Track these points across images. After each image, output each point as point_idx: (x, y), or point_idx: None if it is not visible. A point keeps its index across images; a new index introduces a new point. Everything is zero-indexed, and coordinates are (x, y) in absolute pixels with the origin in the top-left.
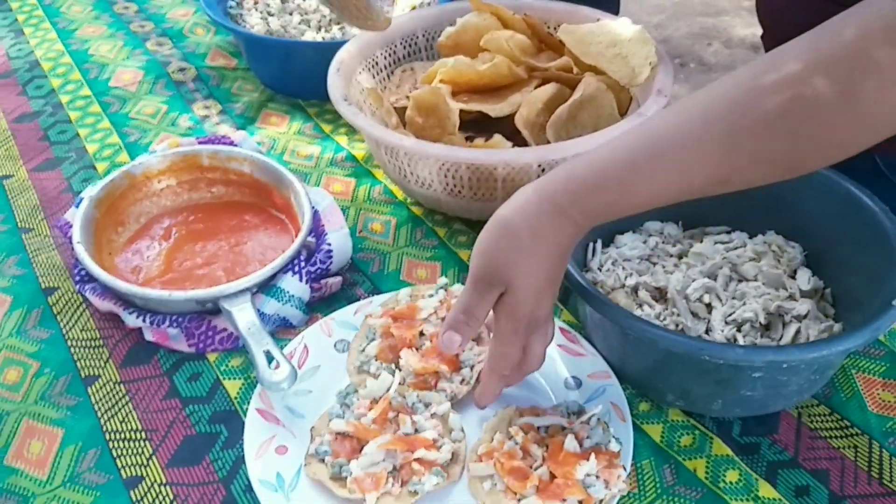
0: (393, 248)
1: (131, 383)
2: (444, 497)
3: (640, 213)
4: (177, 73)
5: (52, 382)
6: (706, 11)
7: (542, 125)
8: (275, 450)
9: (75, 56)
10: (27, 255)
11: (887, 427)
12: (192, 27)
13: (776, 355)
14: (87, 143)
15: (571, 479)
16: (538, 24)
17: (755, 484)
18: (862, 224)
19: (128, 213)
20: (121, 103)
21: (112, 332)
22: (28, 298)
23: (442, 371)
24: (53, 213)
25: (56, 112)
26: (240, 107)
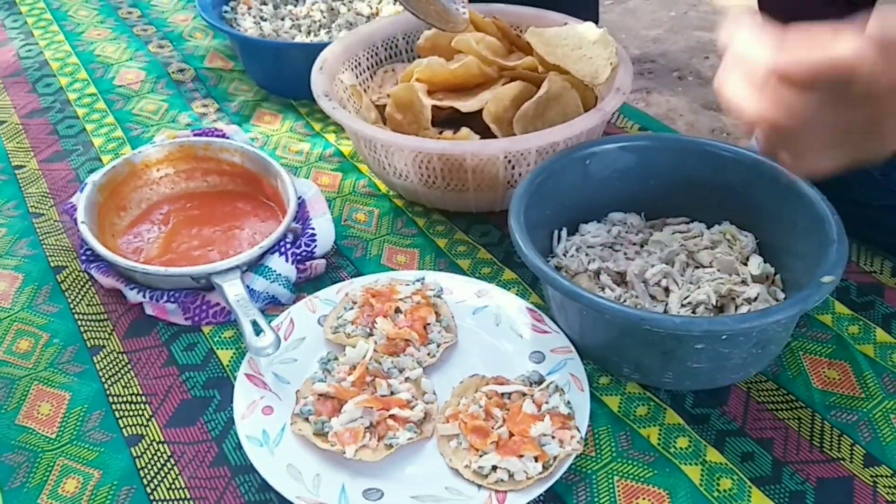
0: (375, 236)
1: (133, 353)
2: (416, 452)
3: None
4: (177, 74)
5: (61, 351)
6: (703, 26)
7: (510, 120)
8: (261, 410)
9: (82, 57)
10: (38, 237)
11: (830, 401)
12: (192, 31)
13: (711, 325)
14: (93, 137)
15: (527, 437)
16: (507, 27)
17: (703, 450)
18: (803, 211)
19: (129, 198)
20: (125, 101)
21: (115, 307)
22: (38, 276)
23: (412, 338)
24: (62, 201)
25: (64, 108)
26: (235, 105)
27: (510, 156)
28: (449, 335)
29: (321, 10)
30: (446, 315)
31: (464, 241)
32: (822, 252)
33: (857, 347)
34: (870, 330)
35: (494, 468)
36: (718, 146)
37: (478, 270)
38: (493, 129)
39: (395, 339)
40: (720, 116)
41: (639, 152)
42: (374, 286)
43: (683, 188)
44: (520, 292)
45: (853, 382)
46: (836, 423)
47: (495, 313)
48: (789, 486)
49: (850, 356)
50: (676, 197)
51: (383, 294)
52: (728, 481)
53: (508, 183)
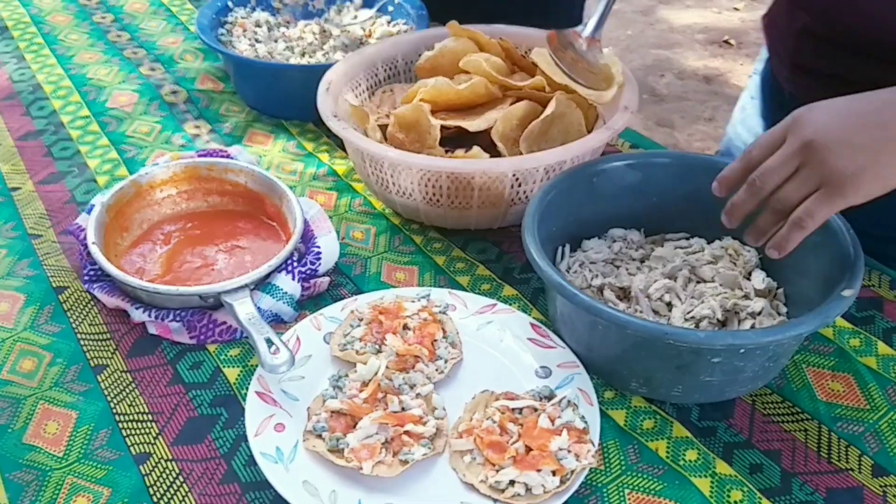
0: (373, 254)
1: (137, 372)
2: (429, 468)
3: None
4: (169, 96)
5: (65, 371)
6: (660, 44)
7: (516, 139)
8: (273, 427)
9: (74, 80)
10: (38, 258)
11: (835, 413)
12: (182, 54)
13: (735, 339)
14: (88, 159)
15: (546, 451)
16: (512, 47)
17: (712, 462)
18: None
19: (132, 219)
20: (118, 123)
21: (118, 327)
22: (40, 297)
23: (422, 355)
24: (59, 222)
25: (58, 131)
26: (228, 126)
27: (518, 174)
28: (455, 351)
29: (313, 32)
30: (452, 331)
31: (462, 258)
32: (835, 266)
33: (859, 360)
34: (871, 343)
35: (512, 483)
36: (722, 161)
37: (477, 287)
38: (500, 147)
39: (405, 355)
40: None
41: (644, 169)
42: (381, 303)
43: (685, 204)
44: (521, 308)
45: (857, 394)
46: (843, 435)
47: (499, 329)
48: (799, 497)
49: (854, 369)
50: (677, 212)
51: (391, 311)
52: (738, 493)
53: (512, 201)
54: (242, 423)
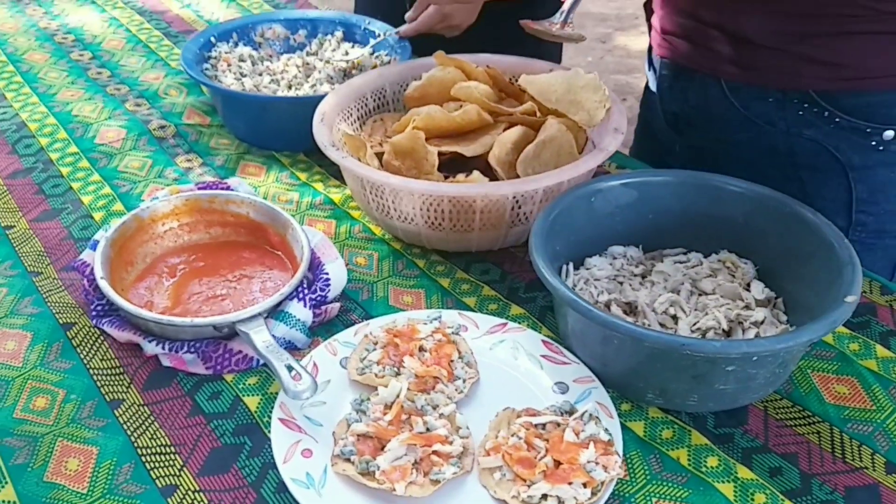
0: (378, 279)
1: (155, 405)
2: (458, 486)
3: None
4: (157, 131)
5: (80, 407)
6: (619, 69)
7: (511, 162)
8: (301, 453)
9: (59, 117)
10: (41, 295)
11: (844, 415)
12: (166, 89)
13: (749, 347)
14: (82, 195)
15: (576, 464)
16: (499, 74)
17: (733, 468)
18: (807, 238)
19: (136, 253)
20: (108, 159)
21: (131, 361)
22: (47, 334)
23: (441, 375)
24: (58, 259)
25: (47, 168)
26: (219, 159)
27: (518, 196)
28: (472, 371)
29: (297, 65)
30: (466, 351)
31: (466, 279)
32: (834, 274)
33: (860, 363)
34: (869, 346)
35: (545, 496)
36: (719, 179)
37: (485, 307)
38: (497, 171)
39: (424, 376)
40: None
41: (639, 188)
42: (394, 326)
43: (681, 220)
44: (530, 326)
45: (863, 396)
46: (854, 435)
47: (512, 347)
48: (819, 496)
49: (856, 371)
50: (674, 229)
51: (405, 334)
52: (762, 496)
53: (513, 223)
54: (267, 451)
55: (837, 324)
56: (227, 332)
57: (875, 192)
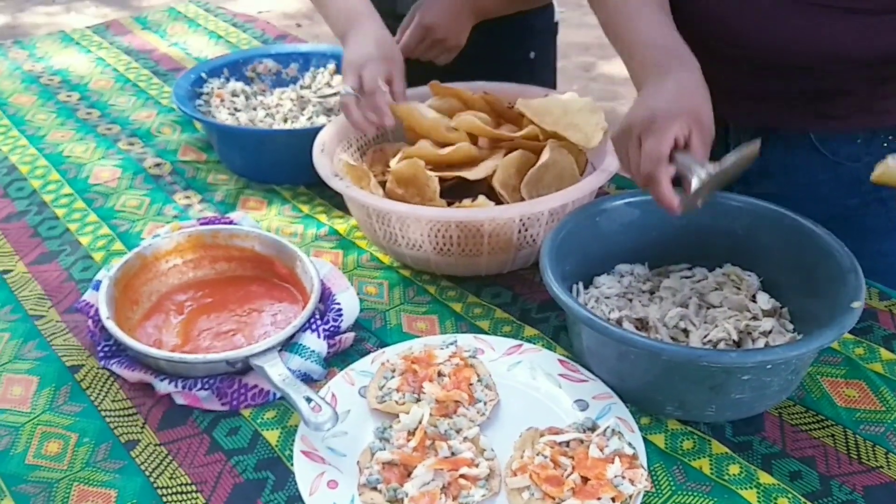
0: (390, 307)
1: (171, 444)
2: None
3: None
4: (153, 169)
5: (94, 450)
6: (604, 97)
7: (515, 186)
8: (326, 484)
9: (50, 158)
10: (44, 339)
11: (856, 417)
12: (159, 127)
13: (764, 356)
14: (80, 236)
15: (604, 479)
16: (497, 100)
17: (755, 474)
18: (809, 248)
19: (140, 292)
20: (104, 199)
21: (143, 400)
22: (55, 377)
23: (462, 399)
24: (60, 301)
25: (42, 210)
26: (219, 195)
27: (525, 219)
28: (492, 393)
29: (291, 98)
30: (485, 374)
31: (478, 303)
32: (837, 281)
33: (867, 367)
34: (874, 350)
35: None
36: (721, 195)
37: (499, 329)
38: (502, 194)
39: (444, 401)
40: None
41: (642, 206)
42: (411, 353)
43: (685, 236)
44: (545, 346)
45: (872, 398)
46: (867, 436)
47: (530, 368)
48: (840, 497)
49: (864, 375)
50: (678, 245)
51: (423, 360)
52: (784, 500)
53: (520, 245)
54: (291, 484)
55: (846, 329)
56: (240, 367)
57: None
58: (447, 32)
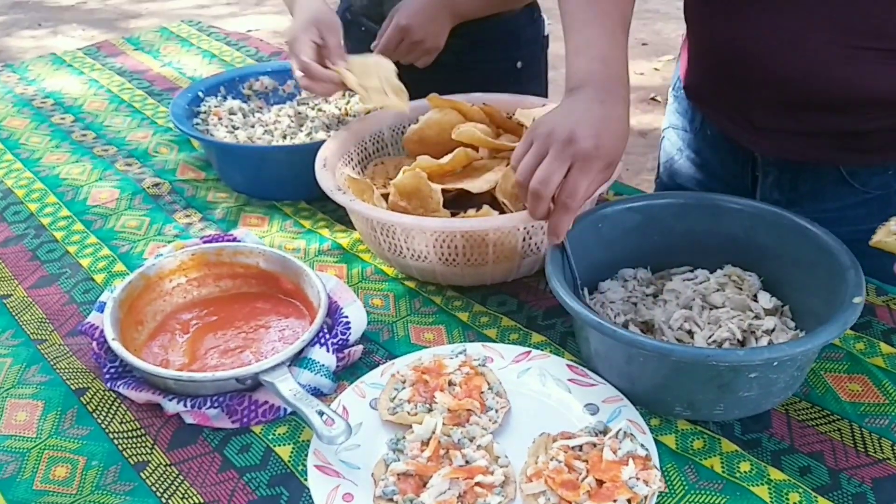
0: (397, 318)
1: (182, 463)
2: None
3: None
4: (152, 188)
5: (103, 473)
6: None
7: (516, 195)
8: (342, 497)
9: (47, 181)
10: (48, 363)
11: (861, 411)
12: (156, 147)
13: (771, 353)
14: (80, 259)
15: (619, 482)
16: (496, 111)
17: (765, 471)
18: (808, 247)
19: (145, 312)
20: (103, 220)
21: (152, 421)
22: (59, 401)
23: (474, 407)
24: (62, 325)
25: (40, 234)
26: (219, 213)
27: (529, 227)
28: (503, 400)
29: (288, 115)
30: (495, 382)
31: (484, 312)
32: (836, 278)
33: (868, 361)
34: (874, 345)
35: None
36: (718, 198)
37: (506, 337)
38: (505, 203)
39: (457, 410)
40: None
41: (644, 211)
42: (421, 363)
43: (686, 239)
44: (553, 352)
45: (875, 392)
46: (873, 429)
47: (539, 374)
48: (849, 490)
49: (866, 369)
50: (679, 248)
51: (433, 370)
52: (795, 495)
53: (525, 253)
54: (306, 500)
55: (849, 324)
56: (250, 384)
57: None
58: (425, 34)
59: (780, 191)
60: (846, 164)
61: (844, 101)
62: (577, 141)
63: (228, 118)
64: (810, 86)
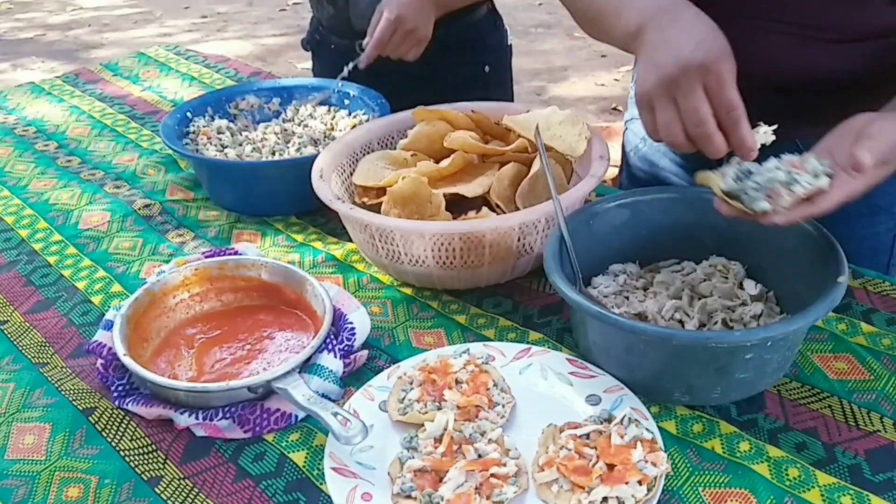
0: (396, 324)
1: (196, 476)
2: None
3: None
4: (142, 210)
5: (116, 491)
6: None
7: (509, 197)
8: (361, 497)
9: (36, 207)
10: (52, 385)
11: (849, 387)
12: (144, 169)
13: (766, 332)
14: (75, 282)
15: (629, 464)
16: (485, 118)
17: (764, 449)
18: (789, 233)
19: (150, 328)
20: (96, 243)
21: (163, 436)
22: (67, 422)
23: (482, 403)
24: (62, 347)
25: (32, 259)
26: (212, 231)
27: (524, 226)
28: (508, 396)
29: (275, 132)
30: (499, 379)
31: (481, 314)
32: (818, 261)
33: (851, 341)
34: (855, 325)
35: (605, 500)
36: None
37: (504, 336)
38: (500, 206)
39: (465, 406)
40: None
41: (632, 207)
42: (426, 364)
43: (672, 233)
44: (551, 348)
45: (860, 369)
46: (861, 404)
47: (541, 369)
48: (844, 462)
49: (850, 348)
50: (666, 242)
51: (439, 369)
52: (794, 470)
53: (520, 253)
54: (324, 503)
55: (836, 302)
56: (262, 393)
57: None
58: (416, 22)
59: None
60: (802, 138)
61: (797, 81)
62: (689, 62)
63: (217, 137)
64: (767, 71)
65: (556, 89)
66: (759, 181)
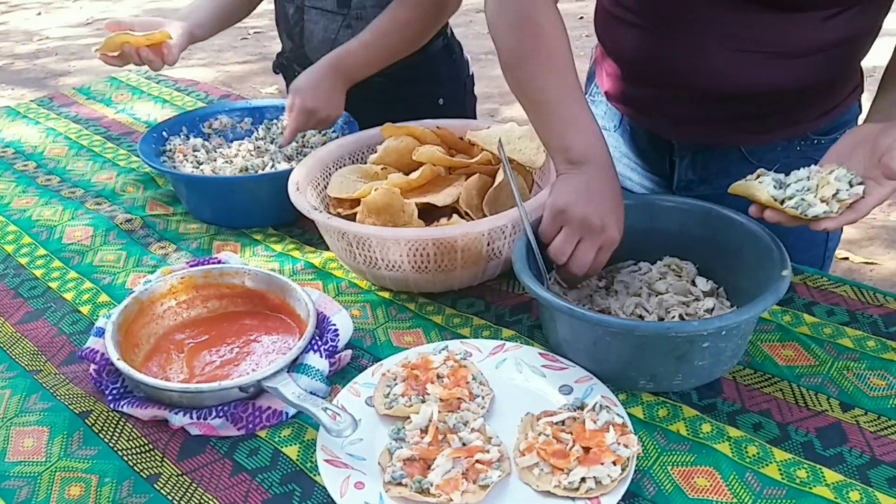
0: (377, 325)
1: (194, 472)
2: (503, 488)
3: None
4: (124, 224)
5: (117, 488)
6: None
7: (477, 206)
8: (354, 486)
9: (20, 224)
10: (47, 391)
11: (796, 373)
12: (123, 186)
13: (721, 322)
14: (63, 293)
15: (604, 446)
16: (449, 133)
17: (724, 430)
18: (734, 234)
19: (140, 335)
20: (80, 256)
21: (159, 436)
22: (65, 426)
23: (463, 395)
24: (55, 355)
25: (19, 273)
26: (193, 243)
27: (492, 232)
28: (486, 388)
29: (249, 150)
30: (477, 373)
31: (456, 314)
32: (763, 258)
33: (795, 331)
34: (798, 317)
35: (583, 480)
36: (655, 198)
37: (479, 335)
38: (469, 213)
39: (448, 399)
40: None
41: None
42: (409, 361)
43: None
44: (523, 344)
45: (806, 355)
46: (809, 387)
47: (515, 363)
48: (798, 439)
49: (795, 337)
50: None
51: (421, 366)
52: (753, 448)
53: (489, 257)
54: (318, 493)
55: (781, 293)
56: (252, 392)
57: None
58: (328, 110)
59: (693, 171)
60: (746, 145)
61: (741, 93)
62: (606, 230)
63: (193, 154)
64: (713, 83)
65: (508, 111)
66: (797, 189)
